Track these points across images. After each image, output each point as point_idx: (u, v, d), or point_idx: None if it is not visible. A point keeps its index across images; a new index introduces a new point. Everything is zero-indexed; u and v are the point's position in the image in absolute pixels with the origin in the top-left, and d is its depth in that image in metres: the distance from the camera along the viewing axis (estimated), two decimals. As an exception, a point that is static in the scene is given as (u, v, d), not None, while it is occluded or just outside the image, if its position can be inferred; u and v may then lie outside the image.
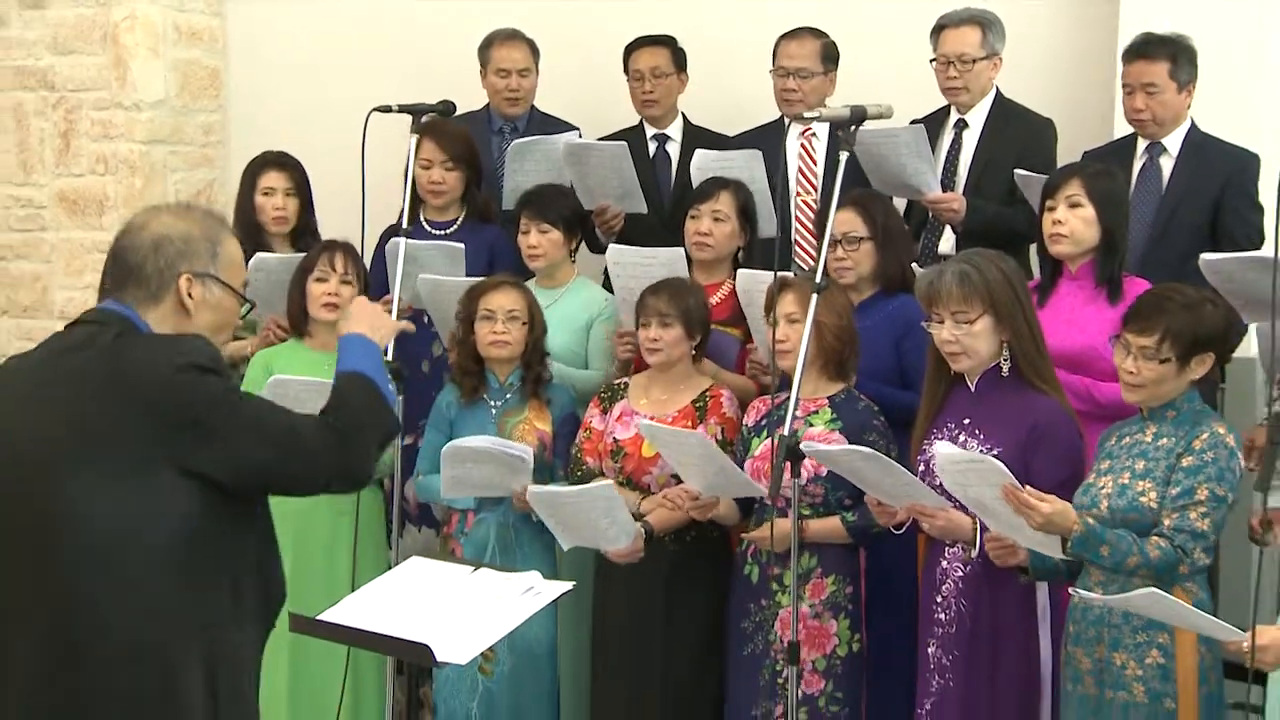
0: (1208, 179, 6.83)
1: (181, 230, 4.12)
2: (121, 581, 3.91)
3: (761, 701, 6.13)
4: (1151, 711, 5.23)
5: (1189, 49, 6.84)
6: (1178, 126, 6.92)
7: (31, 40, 9.79)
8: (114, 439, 3.89)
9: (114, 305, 4.09)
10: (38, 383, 4.06)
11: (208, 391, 3.92)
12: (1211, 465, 5.20)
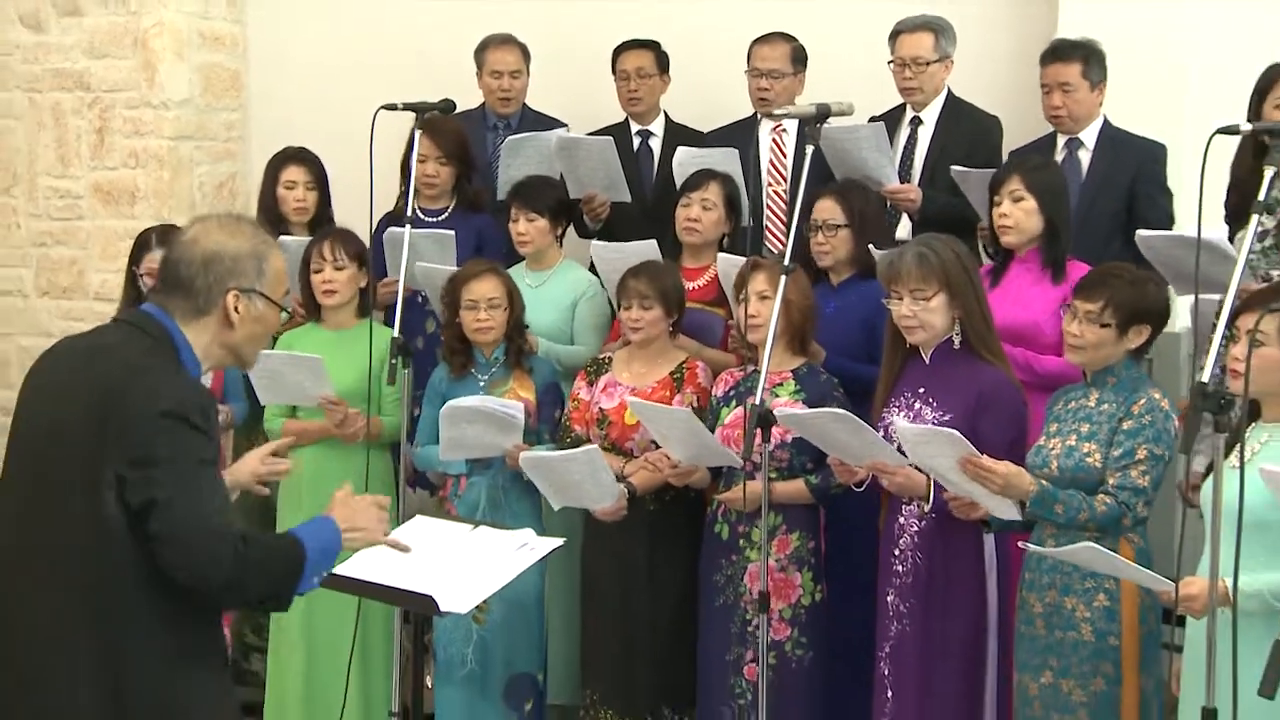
0: (1122, 169, 6.91)
1: (232, 249, 4.04)
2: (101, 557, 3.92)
3: (733, 647, 6.17)
4: (1098, 649, 5.32)
5: (1099, 52, 6.92)
6: (1092, 122, 6.99)
7: (68, 45, 9.74)
8: (102, 443, 3.86)
9: (158, 313, 4.05)
10: (71, 369, 4.07)
11: (172, 443, 3.84)
12: (1149, 428, 5.29)
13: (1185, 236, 5.85)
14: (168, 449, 3.84)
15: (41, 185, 9.91)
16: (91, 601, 3.90)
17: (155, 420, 3.83)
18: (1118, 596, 5.32)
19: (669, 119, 8.12)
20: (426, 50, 8.54)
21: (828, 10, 7.98)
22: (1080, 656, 5.35)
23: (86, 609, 3.91)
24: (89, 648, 3.91)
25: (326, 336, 6.91)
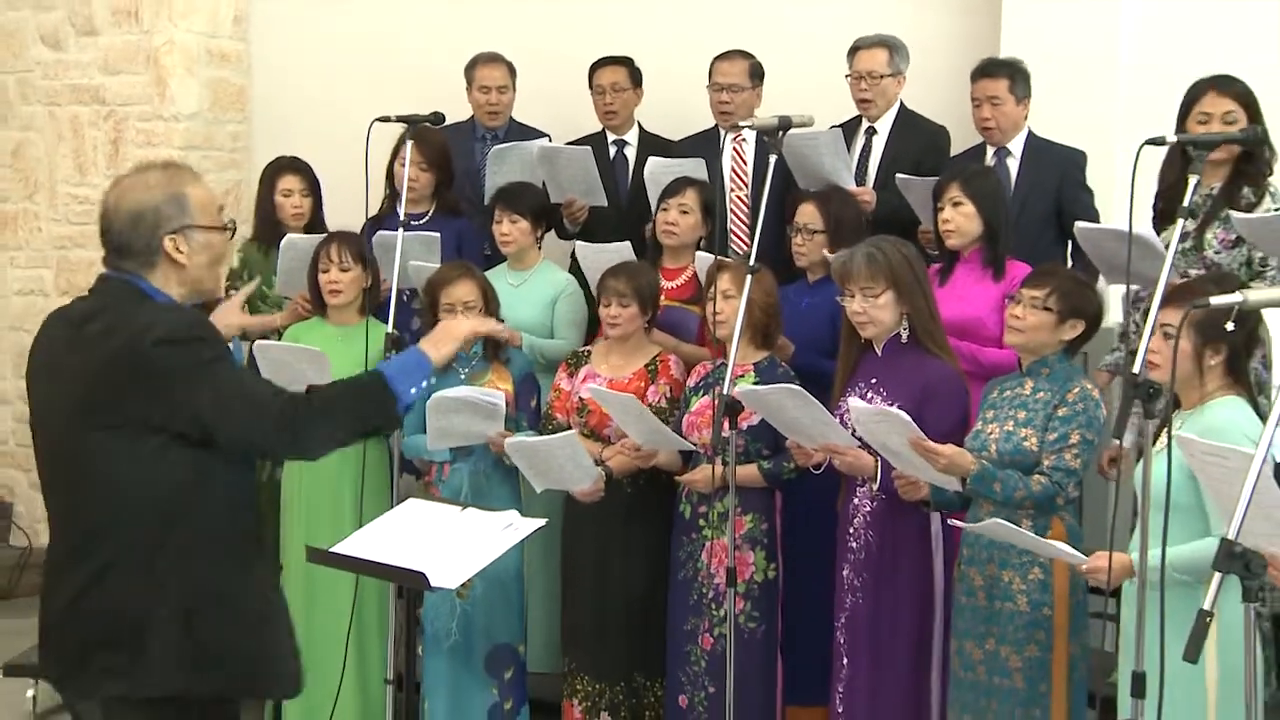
0: (1047, 174, 6.93)
1: (150, 201, 4.02)
2: (123, 519, 3.97)
3: (690, 618, 6.21)
4: (1032, 618, 5.36)
5: (1024, 70, 6.96)
6: (1018, 133, 7.01)
7: (86, 62, 9.80)
8: (112, 401, 3.92)
9: (116, 275, 4.09)
10: (68, 343, 4.08)
11: (176, 361, 3.88)
12: (1082, 414, 5.35)
13: (1119, 229, 5.89)
14: (178, 367, 3.90)
15: (61, 192, 9.99)
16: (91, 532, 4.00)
17: (152, 352, 3.88)
18: (1050, 570, 5.37)
19: (642, 129, 8.13)
20: (418, 66, 8.55)
21: (788, 28, 7.97)
22: (1016, 625, 5.39)
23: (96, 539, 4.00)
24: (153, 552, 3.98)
25: (331, 332, 6.91)
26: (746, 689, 6.05)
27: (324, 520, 6.74)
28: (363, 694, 6.91)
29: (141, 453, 3.94)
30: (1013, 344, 5.59)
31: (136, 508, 3.96)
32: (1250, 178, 6.09)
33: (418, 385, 4.21)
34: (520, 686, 6.78)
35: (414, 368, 4.23)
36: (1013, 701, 5.41)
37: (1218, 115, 6.02)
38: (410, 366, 4.23)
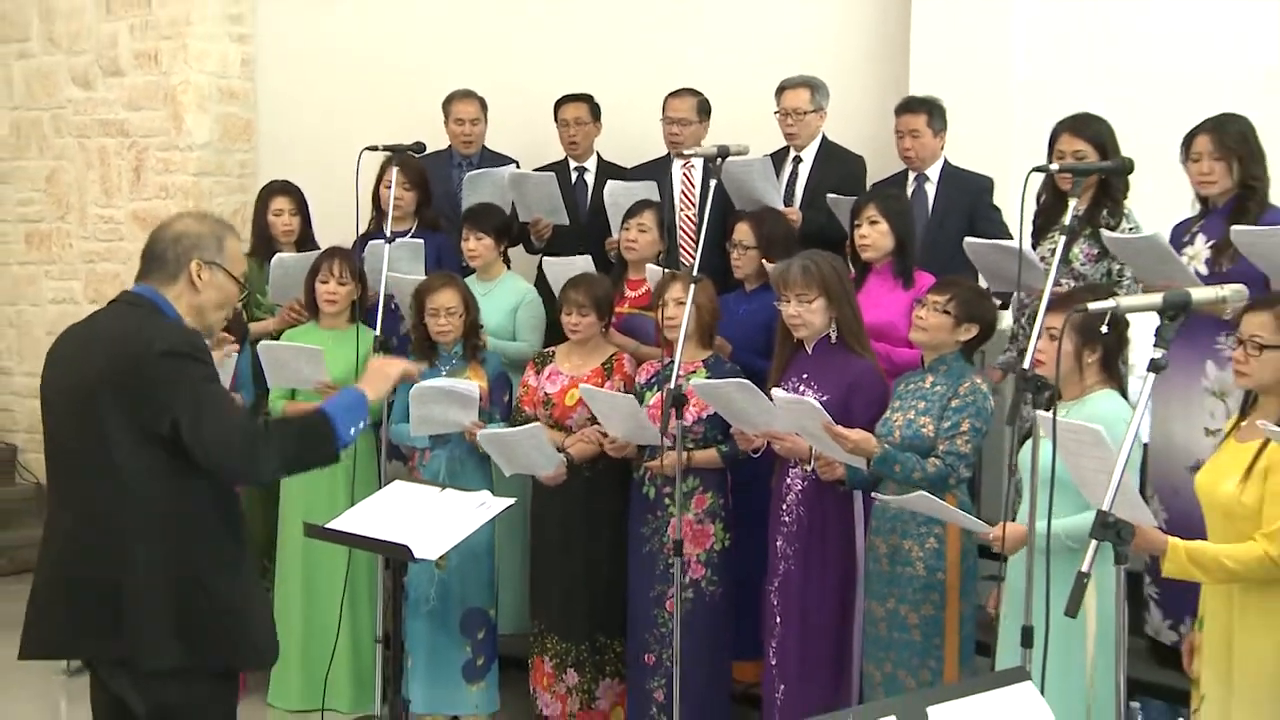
0: (960, 198, 6.95)
1: (196, 229, 4.19)
2: (134, 506, 4.02)
3: (656, 585, 6.23)
4: (928, 582, 5.44)
5: (941, 106, 6.98)
6: (935, 162, 7.03)
7: (112, 100, 9.83)
8: (116, 398, 3.97)
9: (141, 289, 4.17)
10: (86, 340, 4.16)
11: (174, 373, 3.95)
12: (972, 405, 5.42)
13: (1001, 244, 5.97)
14: (172, 378, 3.95)
15: (90, 213, 9.99)
16: (119, 524, 4.01)
17: (157, 361, 3.95)
18: (944, 539, 5.44)
19: (600, 158, 8.13)
20: (403, 101, 8.54)
21: (727, 70, 8.00)
22: (914, 587, 5.47)
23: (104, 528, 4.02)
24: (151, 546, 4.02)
25: (323, 335, 6.93)
26: (707, 645, 6.16)
27: (320, 500, 6.76)
28: (355, 651, 6.96)
29: (135, 446, 3.99)
30: (916, 341, 5.65)
31: (130, 494, 4.00)
32: (1108, 202, 6.17)
33: (356, 425, 4.25)
34: (491, 645, 6.81)
35: (355, 405, 4.26)
36: (911, 653, 5.48)
37: (1069, 153, 6.10)
38: (352, 405, 4.26)
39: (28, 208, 10.28)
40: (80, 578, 4.07)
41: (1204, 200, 5.91)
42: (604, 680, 6.61)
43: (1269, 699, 4.27)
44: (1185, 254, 5.79)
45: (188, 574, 4.04)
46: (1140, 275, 5.76)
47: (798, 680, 5.87)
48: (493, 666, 6.84)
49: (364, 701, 6.93)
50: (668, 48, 8.40)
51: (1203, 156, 5.79)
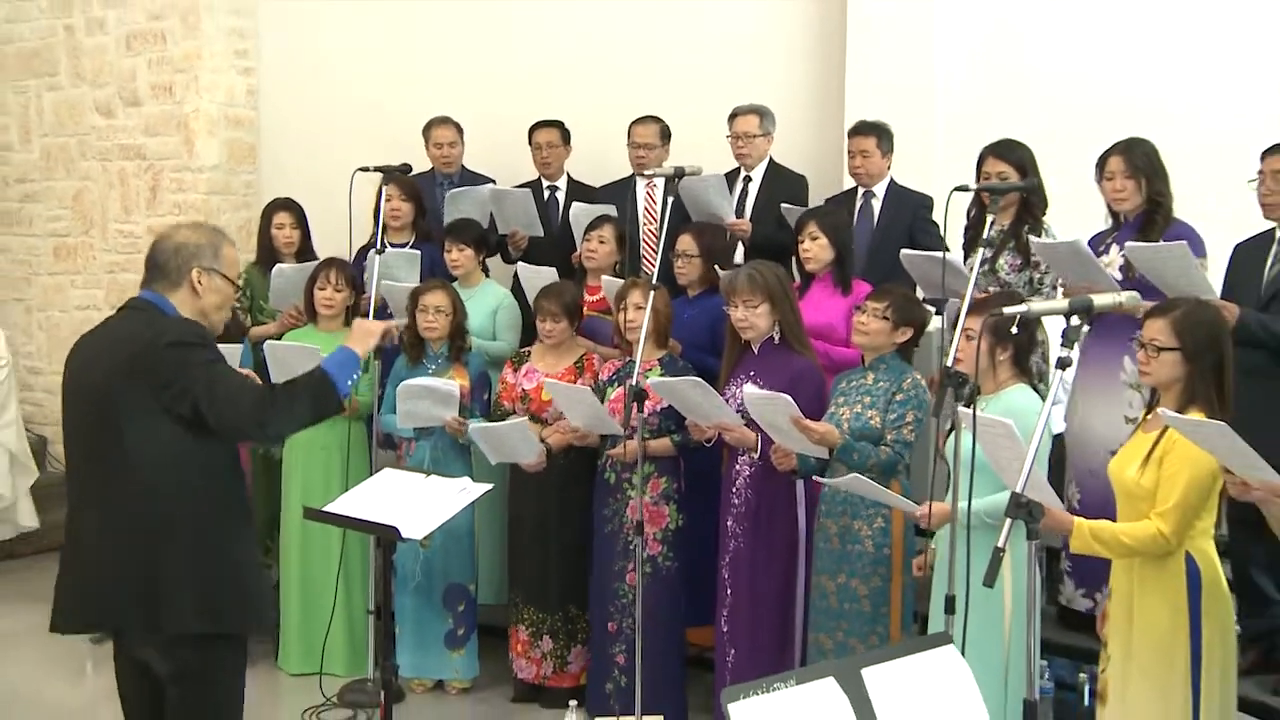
0: (902, 214, 6.92)
1: (194, 239, 4.19)
2: (148, 490, 4.03)
3: (618, 561, 6.23)
4: (876, 558, 5.47)
5: (889, 131, 6.95)
6: (882, 180, 7.00)
7: (131, 127, 9.83)
8: (137, 387, 3.98)
9: (147, 294, 4.18)
10: (100, 344, 4.17)
11: (183, 359, 3.98)
12: (914, 399, 5.45)
13: (932, 255, 5.98)
14: (183, 363, 3.97)
15: (111, 229, 10.02)
16: (137, 506, 4.02)
17: (165, 351, 3.96)
18: (890, 520, 5.46)
19: (570, 178, 8.10)
20: (393, 127, 8.49)
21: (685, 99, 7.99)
22: (864, 563, 5.48)
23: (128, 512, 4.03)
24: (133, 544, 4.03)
25: (321, 337, 6.89)
26: (664, 614, 6.15)
27: (317, 485, 6.80)
28: (349, 622, 6.98)
29: (152, 431, 4.00)
30: (859, 344, 5.66)
31: (147, 475, 4.01)
32: (1029, 219, 6.20)
33: (351, 376, 4.28)
34: (471, 616, 6.84)
35: (347, 362, 4.28)
36: (860, 621, 5.49)
37: (994, 174, 6.14)
38: (344, 361, 4.27)
39: (56, 224, 10.29)
40: (105, 558, 4.07)
41: (1116, 215, 5.92)
42: (575, 647, 6.62)
43: (1159, 660, 4.34)
44: (1101, 263, 5.78)
45: (204, 545, 4.06)
46: (1064, 278, 5.77)
47: (747, 646, 5.90)
48: (473, 636, 6.87)
49: (358, 666, 6.92)
50: (631, 79, 8.37)
51: (1115, 175, 5.81)
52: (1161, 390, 4.47)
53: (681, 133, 7.77)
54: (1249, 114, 6.76)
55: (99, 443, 4.10)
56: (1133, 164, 5.78)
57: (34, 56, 10.23)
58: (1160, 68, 7.16)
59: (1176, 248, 5.25)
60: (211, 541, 4.08)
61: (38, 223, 10.38)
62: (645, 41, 8.46)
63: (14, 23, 10.29)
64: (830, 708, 2.64)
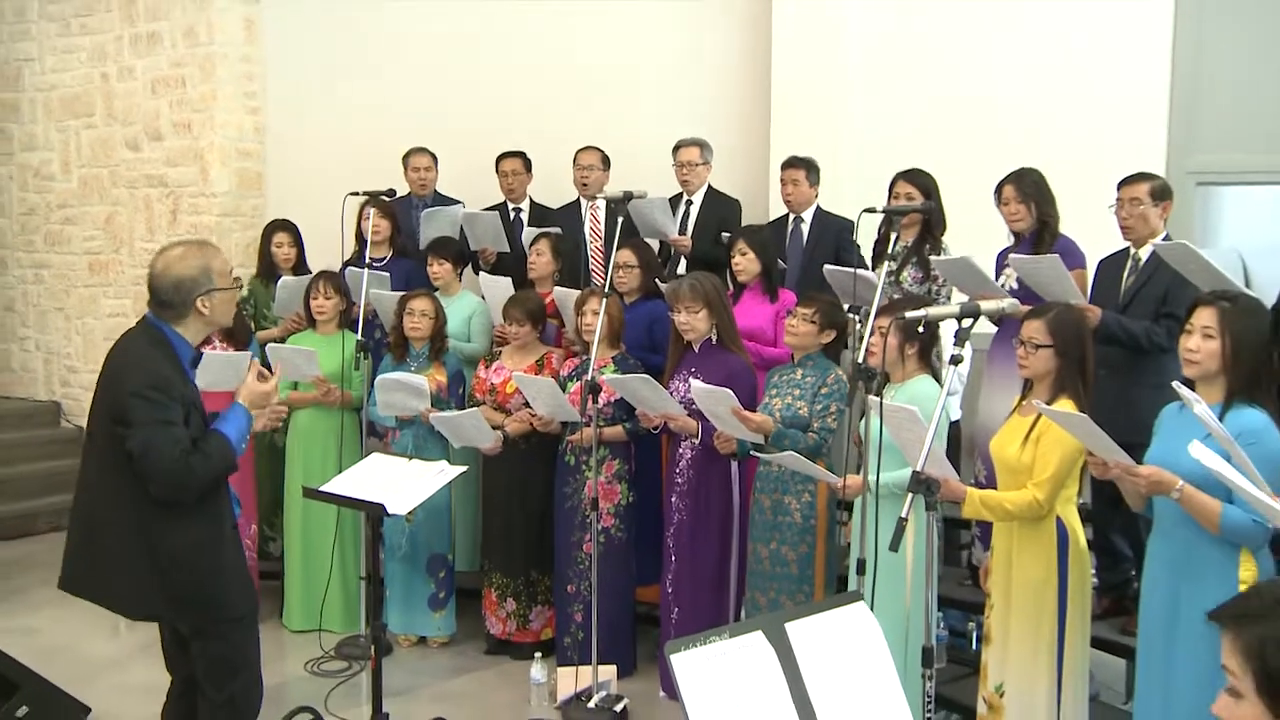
0: (828, 236, 6.87)
1: (189, 272, 4.06)
2: (123, 492, 4.00)
3: (576, 532, 6.22)
4: (804, 527, 5.47)
5: (816, 164, 6.92)
6: (810, 206, 6.95)
7: (155, 159, 9.79)
8: (110, 414, 3.98)
9: (153, 319, 4.11)
10: (111, 362, 4.11)
11: (137, 408, 3.91)
12: (836, 392, 5.44)
13: (848, 270, 5.99)
14: (135, 415, 3.91)
15: (138, 247, 9.97)
16: (127, 494, 3.98)
17: (127, 397, 3.91)
18: (816, 494, 5.46)
19: (532, 200, 8.04)
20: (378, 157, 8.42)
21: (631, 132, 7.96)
22: (793, 532, 5.48)
23: (125, 499, 3.99)
24: (130, 520, 3.99)
25: (317, 339, 6.91)
26: (615, 578, 6.17)
27: (315, 468, 6.75)
28: (344, 586, 6.96)
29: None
30: (790, 344, 5.66)
31: (131, 485, 3.96)
32: (930, 238, 6.21)
33: (244, 434, 4.15)
34: (449, 581, 6.83)
35: (240, 422, 4.15)
36: (789, 582, 5.50)
37: (903, 195, 6.16)
38: (238, 424, 4.14)
39: (91, 243, 10.26)
40: (108, 543, 4.08)
41: (1016, 234, 5.94)
42: (536, 607, 6.61)
43: (1033, 606, 4.46)
44: (1005, 274, 5.82)
45: (183, 542, 4.03)
46: (961, 288, 5.77)
47: (688, 604, 5.90)
48: (451, 598, 6.84)
49: (352, 624, 6.88)
50: (589, 115, 8.32)
51: (1010, 200, 5.83)
52: (1036, 381, 4.53)
53: (631, 162, 7.73)
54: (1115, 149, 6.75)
55: (97, 438, 4.10)
56: (1023, 190, 5.80)
57: (75, 100, 10.22)
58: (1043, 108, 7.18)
59: (1049, 260, 5.31)
60: (172, 550, 4.02)
61: (75, 242, 10.34)
62: (599, 83, 8.42)
63: (59, 72, 10.28)
64: (758, 657, 2.61)
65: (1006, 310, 3.86)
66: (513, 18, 8.73)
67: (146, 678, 4.39)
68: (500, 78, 8.73)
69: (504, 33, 8.75)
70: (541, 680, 5.99)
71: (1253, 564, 3.79)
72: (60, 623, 7.07)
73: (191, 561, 4.04)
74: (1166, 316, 5.25)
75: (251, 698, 4.24)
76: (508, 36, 8.74)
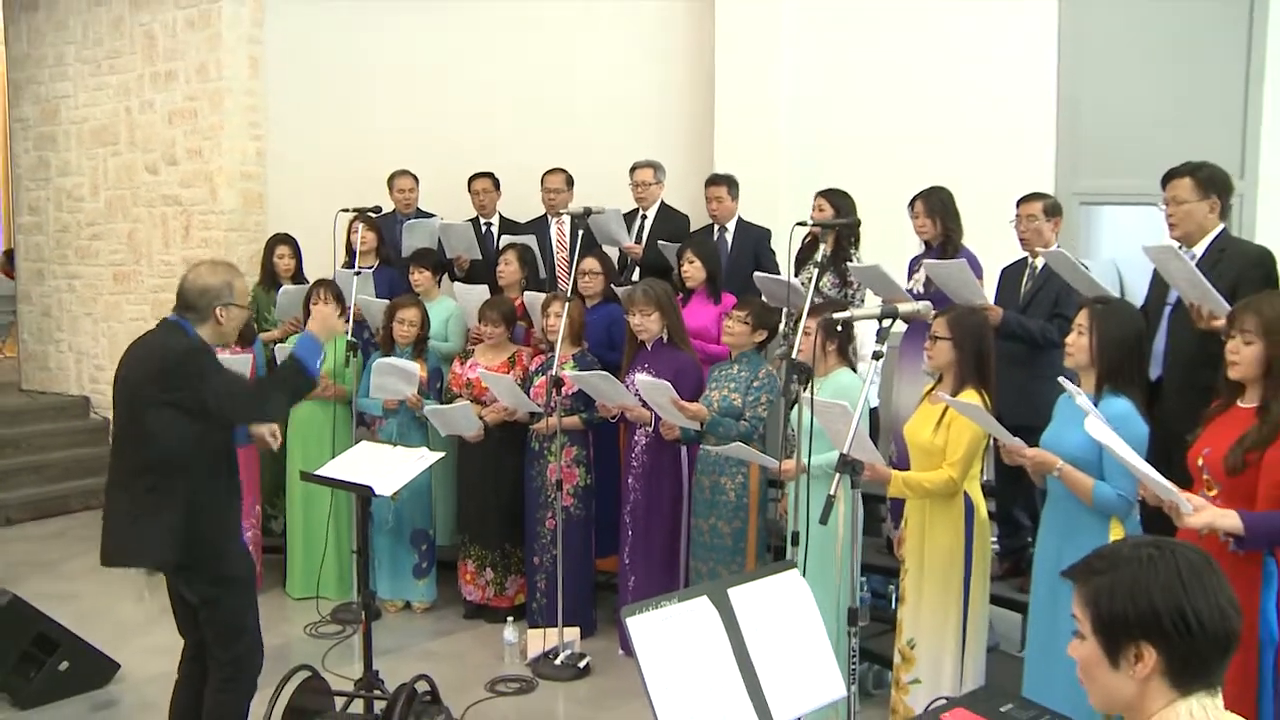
0: (749, 243, 6.82)
1: (215, 283, 4.09)
2: (157, 461, 3.94)
3: (540, 510, 6.17)
4: (738, 505, 5.45)
5: (735, 181, 6.88)
6: (732, 219, 6.89)
7: (171, 181, 9.66)
8: (157, 389, 3.93)
9: (177, 319, 4.09)
10: (138, 352, 4.11)
11: (196, 363, 3.94)
12: (767, 385, 5.43)
13: (776, 277, 5.99)
14: (197, 368, 3.93)
15: (156, 259, 9.89)
16: (150, 470, 3.95)
17: (185, 357, 3.94)
18: (748, 475, 5.44)
19: (502, 216, 7.93)
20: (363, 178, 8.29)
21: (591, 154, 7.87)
22: (729, 509, 5.45)
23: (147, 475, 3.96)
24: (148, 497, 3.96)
25: (315, 340, 6.82)
26: (576, 550, 6.11)
27: (313, 455, 6.64)
28: (338, 559, 6.90)
29: (171, 422, 3.93)
30: (727, 343, 5.66)
31: (164, 455, 3.94)
32: (844, 248, 6.21)
33: (317, 358, 4.17)
34: (431, 554, 6.77)
35: (312, 348, 4.16)
36: (725, 553, 5.48)
37: (816, 210, 6.19)
38: (309, 347, 4.15)
39: (115, 256, 10.15)
40: (122, 513, 4.04)
41: (926, 244, 5.92)
42: (510, 576, 6.53)
43: (943, 570, 4.50)
44: (915, 279, 5.82)
45: (200, 506, 3.98)
46: (874, 291, 5.75)
47: (643, 573, 5.86)
48: (433, 568, 6.78)
49: (345, 592, 6.83)
50: (555, 140, 8.23)
51: (920, 214, 5.85)
52: (944, 374, 4.55)
53: (591, 182, 7.64)
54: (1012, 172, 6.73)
55: (128, 422, 4.05)
56: (930, 205, 5.82)
57: (103, 130, 10.15)
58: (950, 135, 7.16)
59: (956, 264, 5.33)
60: (197, 506, 3.98)
61: (102, 255, 10.26)
62: (564, 112, 8.35)
63: (90, 107, 10.22)
64: (704, 619, 2.69)
65: (920, 312, 3.86)
66: (487, 55, 8.66)
67: (167, 639, 4.38)
68: (476, 108, 8.65)
69: (479, 68, 8.68)
70: (513, 641, 5.96)
71: (1121, 529, 3.90)
72: (93, 591, 7.06)
73: (211, 514, 4.02)
74: (1058, 316, 5.28)
75: (254, 657, 4.19)
76: (482, 72, 8.67)
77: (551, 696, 5.52)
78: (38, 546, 8.22)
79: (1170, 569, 1.88)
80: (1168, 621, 1.86)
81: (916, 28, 7.31)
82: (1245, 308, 3.60)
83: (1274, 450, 3.41)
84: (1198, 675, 1.89)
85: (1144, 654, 1.88)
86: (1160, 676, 1.89)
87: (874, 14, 7.42)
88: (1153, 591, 1.87)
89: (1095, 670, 1.96)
